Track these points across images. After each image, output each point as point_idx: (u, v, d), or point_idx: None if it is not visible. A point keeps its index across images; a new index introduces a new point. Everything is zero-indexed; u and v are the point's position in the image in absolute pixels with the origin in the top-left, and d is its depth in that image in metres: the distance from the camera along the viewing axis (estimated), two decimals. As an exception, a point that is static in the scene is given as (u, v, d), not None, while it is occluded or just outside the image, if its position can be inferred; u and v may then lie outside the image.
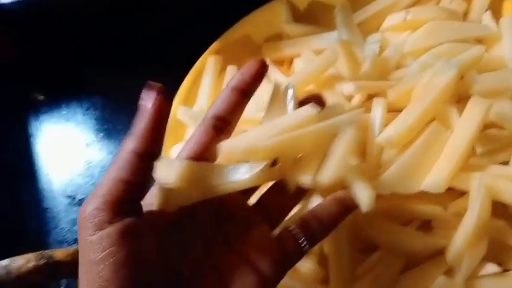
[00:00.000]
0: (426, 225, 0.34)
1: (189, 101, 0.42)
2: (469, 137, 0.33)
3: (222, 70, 0.43)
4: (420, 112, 0.33)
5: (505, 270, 0.33)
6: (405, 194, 0.32)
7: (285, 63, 0.45)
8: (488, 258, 0.32)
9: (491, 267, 0.32)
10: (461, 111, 0.34)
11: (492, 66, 0.39)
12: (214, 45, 0.44)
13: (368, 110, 0.36)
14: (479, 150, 0.34)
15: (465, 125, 0.33)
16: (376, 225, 0.33)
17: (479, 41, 0.41)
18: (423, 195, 0.32)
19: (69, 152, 0.49)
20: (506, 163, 0.34)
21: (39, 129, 0.50)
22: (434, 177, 0.32)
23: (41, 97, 0.51)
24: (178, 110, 0.40)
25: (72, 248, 0.37)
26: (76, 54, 0.52)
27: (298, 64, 0.42)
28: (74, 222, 0.45)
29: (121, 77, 0.50)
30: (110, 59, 0.51)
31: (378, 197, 0.28)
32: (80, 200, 0.47)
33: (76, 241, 0.44)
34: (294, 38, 0.44)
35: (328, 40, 0.42)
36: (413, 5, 0.44)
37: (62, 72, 0.52)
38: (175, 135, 0.40)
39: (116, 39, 0.51)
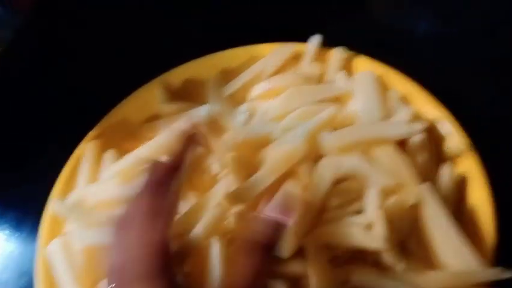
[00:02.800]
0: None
1: (68, 192, 0.43)
2: (319, 196, 0.35)
3: (100, 156, 0.44)
4: (269, 173, 0.36)
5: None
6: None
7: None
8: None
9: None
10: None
11: (348, 122, 0.42)
12: (92, 132, 0.45)
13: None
14: (331, 203, 0.37)
15: (316, 185, 0.36)
16: None
17: (336, 99, 0.45)
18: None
19: None
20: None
21: None
22: (284, 242, 0.34)
23: None
24: (53, 204, 0.41)
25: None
26: None
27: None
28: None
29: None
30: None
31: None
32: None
33: None
34: (171, 116, 0.47)
35: (199, 116, 0.44)
36: (276, 72, 0.47)
37: None
38: (53, 230, 0.40)
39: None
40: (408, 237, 0.37)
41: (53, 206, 0.40)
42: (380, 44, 0.52)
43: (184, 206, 0.38)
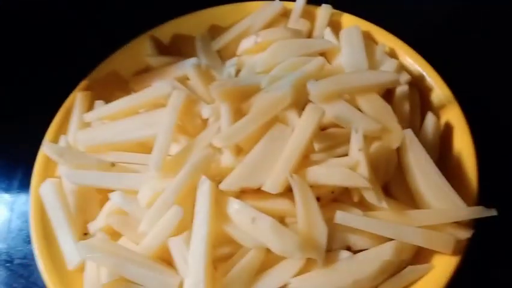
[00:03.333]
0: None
1: (61, 136, 0.43)
2: (306, 136, 0.36)
3: (91, 105, 0.45)
4: (257, 117, 0.37)
5: (355, 252, 0.36)
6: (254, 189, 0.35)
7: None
8: (338, 244, 0.36)
9: (344, 254, 0.36)
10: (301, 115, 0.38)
11: (335, 74, 0.43)
12: (83, 83, 0.46)
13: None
14: (318, 147, 0.38)
15: (303, 127, 0.37)
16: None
17: (322, 54, 0.45)
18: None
19: None
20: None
21: None
22: (273, 178, 0.35)
23: None
24: (44, 146, 0.41)
25: None
26: None
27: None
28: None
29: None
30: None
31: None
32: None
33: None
34: (159, 69, 0.47)
35: (188, 66, 0.45)
36: (263, 28, 0.48)
37: None
38: (45, 172, 0.41)
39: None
40: (392, 181, 0.38)
41: (45, 149, 0.41)
42: (366, 5, 0.53)
43: (175, 149, 0.39)
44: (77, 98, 0.45)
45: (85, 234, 0.39)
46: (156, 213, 0.35)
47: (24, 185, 0.45)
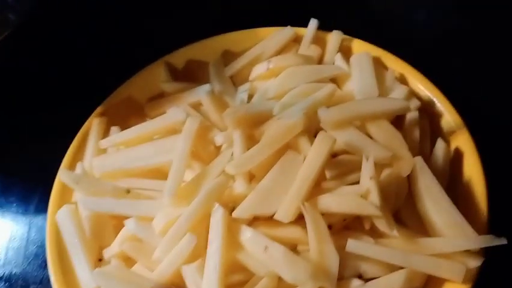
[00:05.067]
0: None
1: (77, 162, 0.44)
2: (317, 165, 0.37)
3: (106, 131, 0.46)
4: (269, 144, 0.38)
5: (367, 280, 0.36)
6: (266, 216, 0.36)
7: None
8: (350, 272, 0.36)
9: (356, 282, 0.36)
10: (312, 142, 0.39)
11: (346, 101, 0.44)
12: (99, 109, 0.47)
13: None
14: (329, 174, 0.38)
15: (314, 155, 0.37)
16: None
17: (333, 80, 0.46)
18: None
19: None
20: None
21: None
22: (285, 206, 0.35)
23: None
24: (60, 173, 0.42)
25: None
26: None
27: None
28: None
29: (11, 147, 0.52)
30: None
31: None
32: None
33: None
34: (173, 95, 0.48)
35: (202, 93, 0.46)
36: (275, 54, 0.49)
37: None
38: (61, 198, 0.42)
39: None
40: (402, 208, 0.39)
41: (62, 176, 0.42)
42: (376, 31, 0.54)
43: (188, 175, 0.39)
44: (93, 124, 0.46)
45: (100, 260, 0.40)
46: (170, 241, 0.35)
47: (40, 210, 0.46)
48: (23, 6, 0.53)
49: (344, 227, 0.38)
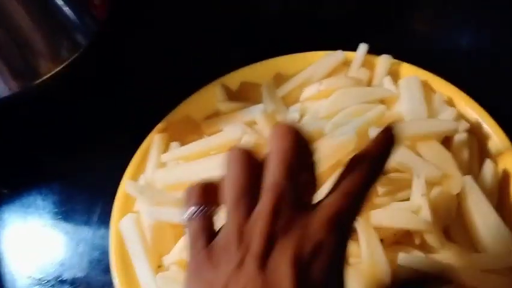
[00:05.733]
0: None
1: (138, 176, 0.47)
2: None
3: (167, 146, 0.49)
4: (322, 161, 0.39)
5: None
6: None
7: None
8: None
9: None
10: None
11: (395, 122, 0.45)
12: (160, 125, 0.50)
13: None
14: (381, 191, 0.40)
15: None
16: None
17: (381, 102, 0.48)
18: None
19: (29, 237, 0.52)
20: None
21: (1, 220, 0.53)
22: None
23: (4, 191, 0.55)
24: (126, 184, 0.45)
25: None
26: (33, 141, 0.57)
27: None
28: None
29: (77, 159, 0.55)
30: (67, 143, 0.57)
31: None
32: (47, 281, 0.49)
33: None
34: (229, 114, 0.51)
35: (256, 112, 0.49)
36: (325, 77, 0.51)
37: (20, 161, 0.56)
38: (124, 207, 0.45)
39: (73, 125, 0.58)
40: (451, 225, 0.40)
41: (126, 186, 0.44)
42: (422, 55, 0.55)
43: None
44: (154, 139, 0.49)
45: (159, 267, 0.42)
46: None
47: (102, 220, 0.48)
48: (92, 29, 0.57)
49: (394, 241, 0.39)
